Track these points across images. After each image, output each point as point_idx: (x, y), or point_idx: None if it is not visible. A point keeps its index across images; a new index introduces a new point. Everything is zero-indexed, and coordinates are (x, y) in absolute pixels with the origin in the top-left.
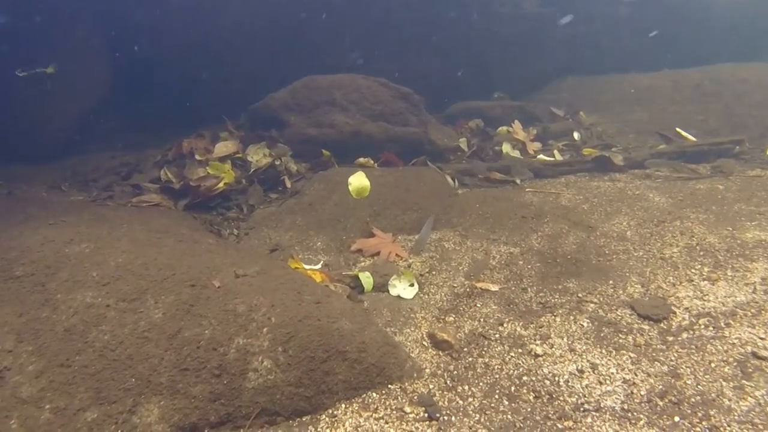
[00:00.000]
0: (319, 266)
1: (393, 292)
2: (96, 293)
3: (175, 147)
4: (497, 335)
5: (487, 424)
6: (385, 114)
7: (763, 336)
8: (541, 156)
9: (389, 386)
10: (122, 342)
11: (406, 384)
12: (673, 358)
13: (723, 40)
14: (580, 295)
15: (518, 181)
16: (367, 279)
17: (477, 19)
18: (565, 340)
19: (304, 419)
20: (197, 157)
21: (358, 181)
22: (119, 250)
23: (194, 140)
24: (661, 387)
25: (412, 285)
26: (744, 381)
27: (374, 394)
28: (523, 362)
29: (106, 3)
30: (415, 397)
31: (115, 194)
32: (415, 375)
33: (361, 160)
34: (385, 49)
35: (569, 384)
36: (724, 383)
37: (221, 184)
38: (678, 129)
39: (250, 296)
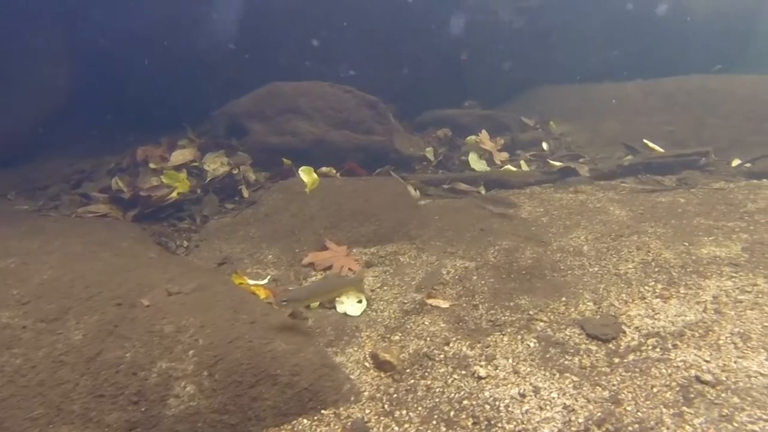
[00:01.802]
0: (265, 281)
1: (340, 308)
2: (14, 313)
3: (129, 155)
4: (442, 355)
5: None
6: (349, 122)
7: (708, 359)
8: (507, 167)
9: (322, 411)
10: (35, 366)
11: (341, 409)
12: (615, 383)
13: (698, 51)
14: (531, 312)
15: (483, 192)
16: None
17: (451, 28)
18: (510, 361)
19: None
20: (152, 165)
21: (309, 176)
22: (47, 265)
23: (150, 148)
24: (600, 414)
25: (360, 301)
26: (684, 408)
27: (305, 421)
28: (465, 385)
29: (69, 6)
30: (349, 424)
31: (62, 204)
32: (352, 399)
33: (324, 169)
34: (356, 56)
35: (509, 409)
36: (664, 410)
37: (174, 194)
38: (645, 140)
39: (180, 316)
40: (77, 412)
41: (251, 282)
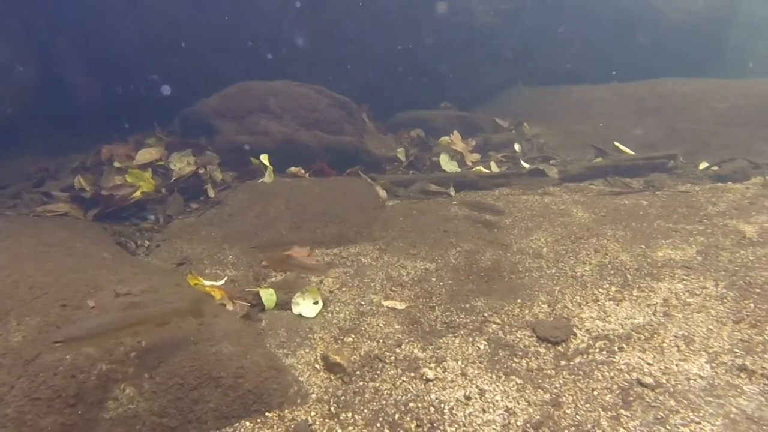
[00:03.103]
0: (221, 282)
1: (296, 310)
2: None
3: (94, 153)
4: (393, 357)
5: None
6: (320, 122)
7: (650, 362)
8: (478, 168)
9: (266, 414)
10: None
11: (286, 411)
12: (558, 385)
13: (673, 55)
14: (485, 314)
15: (452, 193)
16: (269, 296)
17: (429, 29)
18: (459, 363)
19: None
20: (116, 164)
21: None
22: None
23: (116, 146)
24: (538, 417)
25: (316, 303)
26: (622, 410)
27: (248, 423)
28: (412, 387)
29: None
30: (292, 426)
31: (21, 203)
32: (298, 401)
33: (293, 169)
34: (333, 57)
35: (453, 412)
36: (602, 413)
37: (138, 193)
38: (616, 143)
39: None
40: (11, 415)
41: (207, 283)
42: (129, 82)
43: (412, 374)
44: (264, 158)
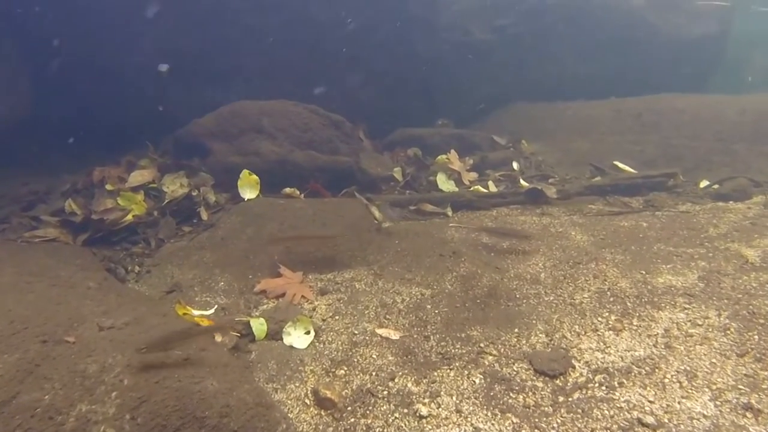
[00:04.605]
0: (211, 311)
1: (287, 340)
2: None
3: (86, 175)
4: (386, 392)
5: None
6: (314, 142)
7: (651, 399)
8: (476, 187)
9: None
10: None
11: None
12: (555, 425)
13: (670, 70)
14: (481, 345)
15: (449, 213)
16: (259, 326)
17: (423, 46)
18: (453, 398)
19: None
20: (108, 186)
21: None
22: None
23: (108, 168)
24: None
25: (307, 333)
26: None
27: None
28: (405, 425)
29: (28, 17)
30: None
31: (9, 227)
32: None
33: (288, 190)
34: (326, 75)
35: None
36: None
37: (129, 217)
38: (616, 162)
39: (107, 353)
40: None
41: (196, 312)
42: (125, 101)
43: (405, 410)
44: (245, 175)
